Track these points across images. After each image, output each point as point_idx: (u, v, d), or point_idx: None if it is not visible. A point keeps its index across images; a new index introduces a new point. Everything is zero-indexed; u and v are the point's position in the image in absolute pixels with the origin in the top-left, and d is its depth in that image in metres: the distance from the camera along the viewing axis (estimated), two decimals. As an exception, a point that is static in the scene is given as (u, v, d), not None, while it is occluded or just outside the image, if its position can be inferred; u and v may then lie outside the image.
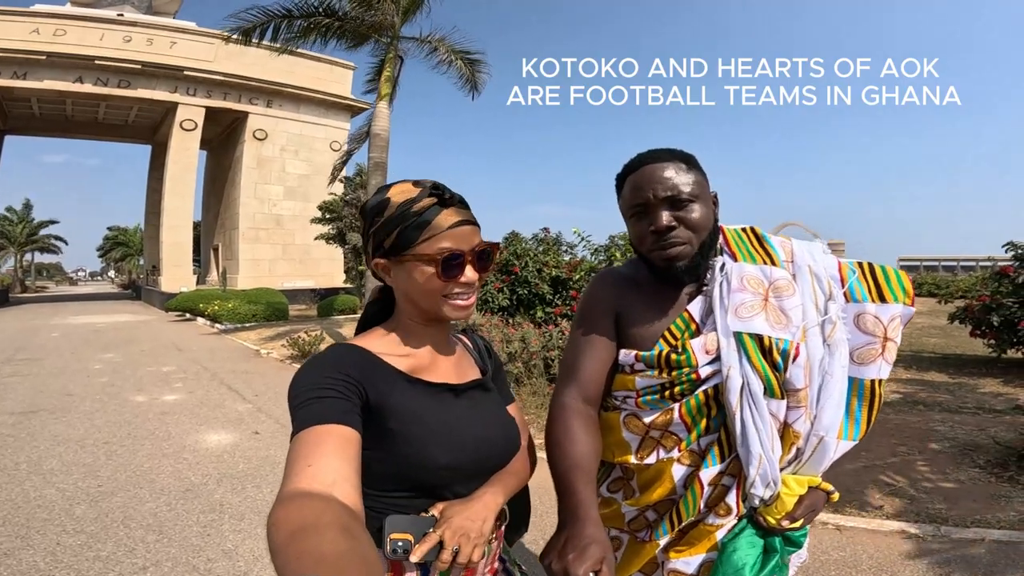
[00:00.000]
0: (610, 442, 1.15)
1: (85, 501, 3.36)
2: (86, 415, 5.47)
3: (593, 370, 1.11)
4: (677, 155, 1.07)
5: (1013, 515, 2.93)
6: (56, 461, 4.10)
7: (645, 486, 1.11)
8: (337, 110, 27.10)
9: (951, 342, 9.42)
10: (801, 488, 1.03)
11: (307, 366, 0.81)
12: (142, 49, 22.99)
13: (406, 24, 9.30)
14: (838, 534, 2.85)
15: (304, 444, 0.69)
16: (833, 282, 1.07)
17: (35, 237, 50.02)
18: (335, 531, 0.56)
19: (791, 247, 1.13)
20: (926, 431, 4.43)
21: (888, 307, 1.03)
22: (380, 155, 9.49)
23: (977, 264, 32.65)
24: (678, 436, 1.06)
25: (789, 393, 1.00)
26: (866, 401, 1.03)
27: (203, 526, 3.05)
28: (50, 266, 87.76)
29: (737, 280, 1.06)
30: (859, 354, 1.03)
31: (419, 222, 0.85)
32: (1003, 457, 3.65)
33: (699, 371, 1.02)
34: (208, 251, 29.86)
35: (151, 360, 9.07)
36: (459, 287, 0.88)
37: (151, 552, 2.75)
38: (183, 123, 24.17)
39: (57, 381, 7.18)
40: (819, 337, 1.03)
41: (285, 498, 0.62)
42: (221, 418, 5.44)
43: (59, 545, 2.81)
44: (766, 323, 1.01)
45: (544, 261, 8.66)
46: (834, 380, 1.01)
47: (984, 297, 7.29)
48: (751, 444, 0.98)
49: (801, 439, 1.02)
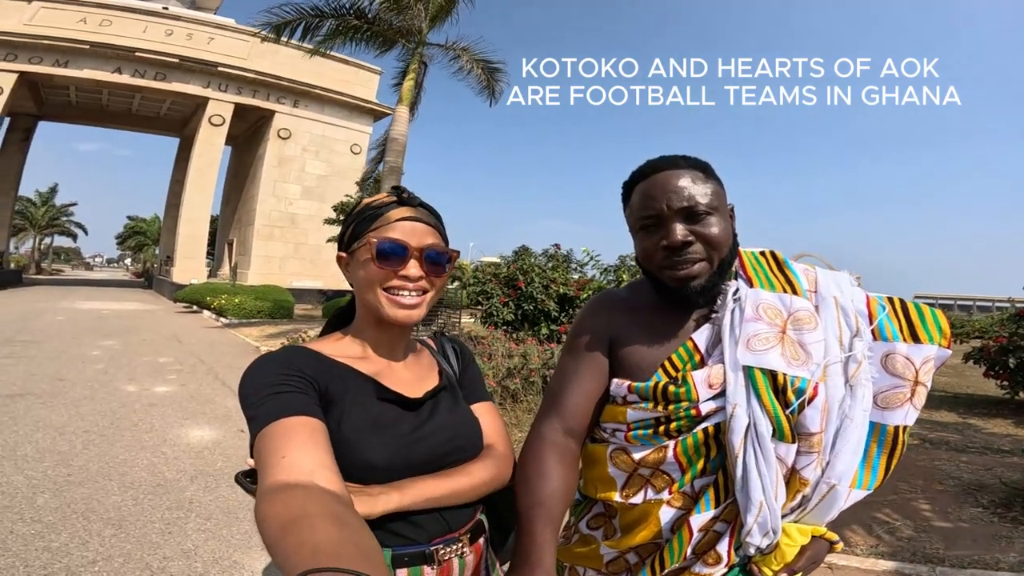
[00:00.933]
0: (593, 476, 1.05)
1: (50, 490, 3.25)
2: (73, 402, 5.40)
3: (578, 401, 1.02)
4: (693, 162, 0.98)
5: (1013, 557, 2.81)
6: (31, 447, 4.00)
7: (628, 527, 1.01)
8: (360, 113, 27.42)
9: (963, 382, 9.28)
10: (804, 538, 0.93)
11: (257, 365, 0.80)
12: (181, 43, 23.53)
13: (432, 30, 9.37)
14: (829, 572, 2.72)
15: (272, 438, 0.68)
16: (861, 317, 0.95)
17: (56, 221, 51.04)
18: (325, 520, 0.55)
19: (815, 276, 1.02)
20: (931, 469, 4.31)
21: (922, 348, 0.92)
22: (396, 160, 9.49)
23: (994, 305, 32.34)
24: (670, 476, 0.95)
25: (801, 437, 0.89)
26: (887, 448, 0.91)
27: (166, 523, 2.92)
28: (68, 250, 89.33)
29: (752, 308, 0.95)
30: (884, 398, 0.91)
31: (372, 215, 0.89)
32: (1008, 498, 3.55)
33: (700, 406, 0.91)
34: (223, 245, 30.17)
35: (150, 350, 9.04)
36: (399, 280, 0.87)
37: (105, 546, 2.63)
38: (212, 118, 24.58)
39: (52, 365, 7.14)
40: (841, 377, 0.91)
41: (267, 492, 0.61)
42: (209, 413, 5.33)
43: (11, 533, 2.69)
44: (782, 358, 0.90)
45: (552, 278, 8.55)
46: (854, 425, 0.89)
47: (1002, 339, 7.21)
48: (752, 491, 0.87)
49: (809, 486, 0.91)
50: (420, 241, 0.88)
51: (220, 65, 24.00)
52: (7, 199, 28.42)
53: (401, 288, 0.87)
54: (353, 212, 0.94)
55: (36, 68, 21.80)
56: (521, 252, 9.29)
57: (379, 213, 0.89)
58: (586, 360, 1.04)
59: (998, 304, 30.86)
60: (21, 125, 28.01)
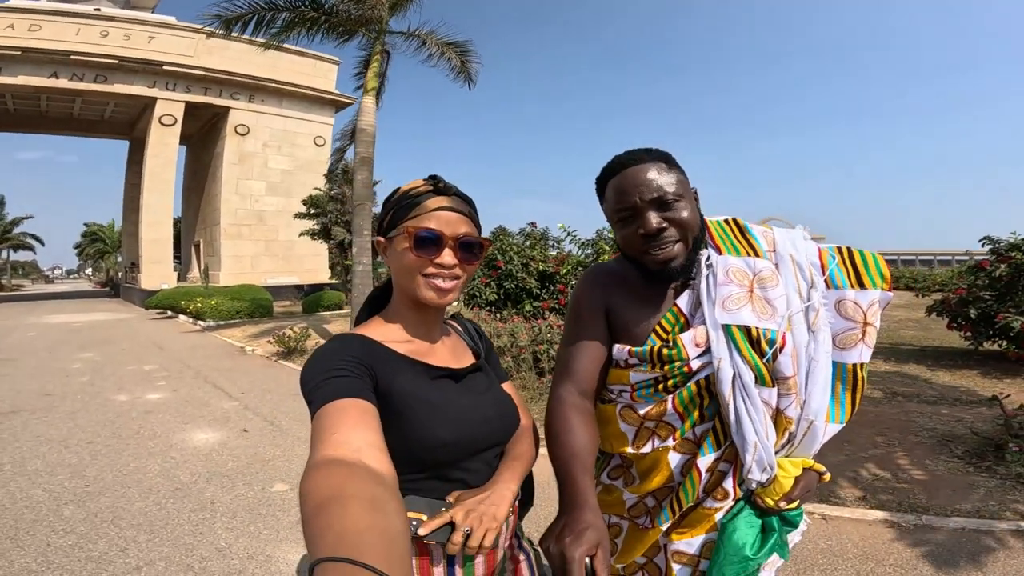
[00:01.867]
0: (607, 433, 1.17)
1: (73, 502, 3.31)
2: (68, 415, 5.38)
3: (587, 366, 1.13)
4: (656, 155, 1.08)
5: (992, 505, 3.01)
6: (40, 462, 4.03)
7: (644, 474, 1.14)
8: (321, 105, 26.74)
9: (928, 335, 9.61)
10: (796, 470, 1.06)
11: (315, 356, 0.84)
12: (120, 44, 22.43)
13: (394, 18, 9.22)
14: (824, 524, 2.92)
15: (327, 416, 0.71)
16: (814, 269, 1.09)
17: (9, 235, 48.77)
18: (359, 503, 0.56)
19: (773, 237, 1.15)
20: (905, 423, 4.53)
21: (867, 293, 1.06)
22: (366, 150, 9.41)
23: (953, 258, 33.19)
24: (672, 426, 1.09)
25: (779, 381, 1.02)
26: (849, 385, 1.05)
27: (195, 525, 3.03)
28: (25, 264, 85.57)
29: (723, 273, 1.08)
30: (841, 339, 1.05)
31: (410, 204, 0.93)
32: (980, 447, 3.73)
33: (690, 364, 1.04)
34: (189, 248, 29.34)
35: (132, 359, 8.92)
36: (434, 268, 0.91)
37: (143, 552, 2.73)
38: (162, 118, 23.67)
39: (35, 381, 7.04)
40: (803, 324, 1.05)
41: (313, 467, 0.63)
42: (207, 416, 5.38)
43: (49, 546, 2.77)
44: (753, 314, 1.03)
45: (531, 256, 8.68)
46: (819, 366, 1.03)
47: (961, 291, 7.34)
48: (746, 432, 1.00)
49: (793, 424, 1.04)
50: (455, 230, 0.92)
51: (166, 64, 23.02)
52: (-46, 217, 27.10)
53: (436, 275, 0.92)
54: (391, 199, 0.98)
55: (-34, 77, 20.69)
56: (498, 232, 9.38)
57: (417, 202, 0.93)
58: (588, 329, 1.15)
59: (957, 258, 31.80)
60: (-42, 138, 26.58)
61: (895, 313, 13.75)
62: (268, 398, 6.17)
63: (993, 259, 6.99)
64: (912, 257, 38.53)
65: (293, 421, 5.16)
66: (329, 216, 17.00)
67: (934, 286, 13.03)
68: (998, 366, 6.80)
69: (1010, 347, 6.59)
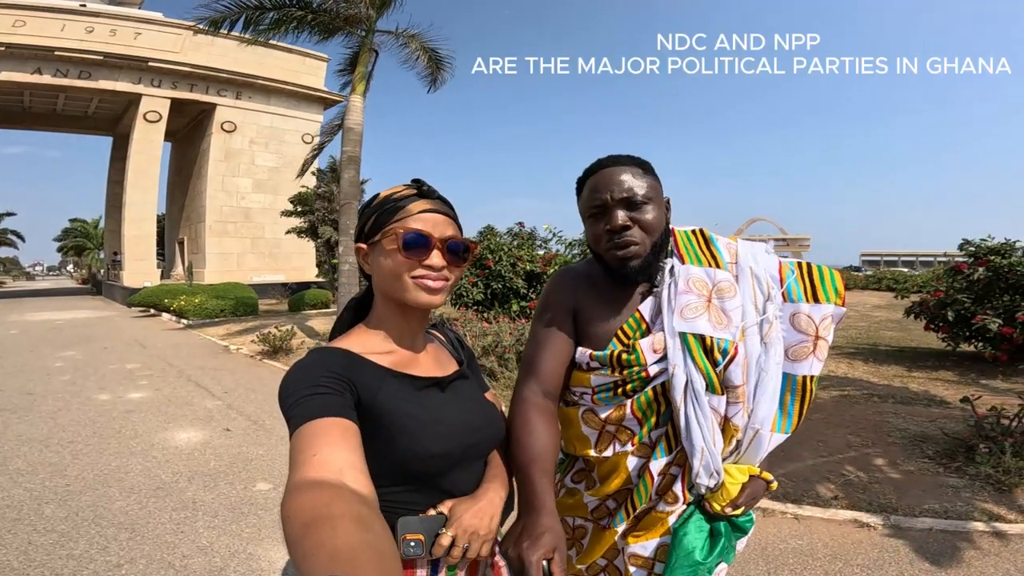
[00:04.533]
0: (571, 436, 1.21)
1: (54, 500, 3.30)
2: (49, 414, 5.33)
3: (551, 367, 1.16)
4: (635, 160, 1.13)
5: (960, 505, 3.08)
6: (22, 461, 4.01)
7: (604, 477, 1.18)
8: (309, 102, 26.59)
9: (907, 336, 9.75)
10: (743, 476, 1.10)
11: (294, 371, 0.83)
12: (105, 40, 22.13)
13: (380, 17, 9.23)
14: (796, 523, 2.98)
15: (306, 436, 0.70)
16: (772, 282, 1.13)
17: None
18: (347, 522, 0.56)
19: (736, 249, 1.18)
20: (880, 423, 4.62)
21: (820, 307, 1.09)
22: (353, 149, 9.41)
23: (935, 260, 33.78)
24: (631, 430, 1.12)
25: (728, 389, 1.06)
26: (798, 396, 1.09)
27: (176, 523, 3.03)
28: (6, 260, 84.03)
29: (684, 282, 1.11)
30: (793, 351, 1.09)
31: (394, 207, 0.93)
32: (951, 448, 3.79)
33: (648, 369, 1.07)
34: (173, 245, 29.03)
35: (114, 357, 8.83)
36: (423, 270, 0.91)
37: (124, 550, 2.73)
38: (147, 115, 23.40)
39: (16, 380, 6.95)
40: (757, 336, 1.08)
41: (294, 489, 0.62)
42: (190, 415, 5.36)
43: (31, 544, 2.77)
44: (709, 324, 1.07)
45: (518, 255, 8.74)
46: (769, 376, 1.07)
47: (939, 292, 7.44)
48: (694, 438, 1.04)
49: (740, 432, 1.08)
50: (442, 232, 0.92)
51: (151, 60, 22.74)
52: (-67, 212, 26.59)
53: (426, 276, 0.91)
54: (373, 204, 0.96)
55: (-51, 73, 20.31)
56: (487, 232, 9.42)
57: (400, 205, 0.92)
58: (554, 330, 1.18)
59: (938, 260, 32.34)
60: (-63, 133, 26.10)
61: (875, 314, 13.99)
62: (252, 397, 6.16)
63: (971, 262, 7.12)
64: (895, 258, 39.15)
65: (277, 420, 5.15)
66: (316, 214, 16.93)
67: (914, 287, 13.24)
68: (974, 367, 6.93)
69: (986, 348, 6.68)
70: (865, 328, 11.25)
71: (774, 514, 3.06)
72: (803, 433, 4.31)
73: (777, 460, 3.72)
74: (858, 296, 21.33)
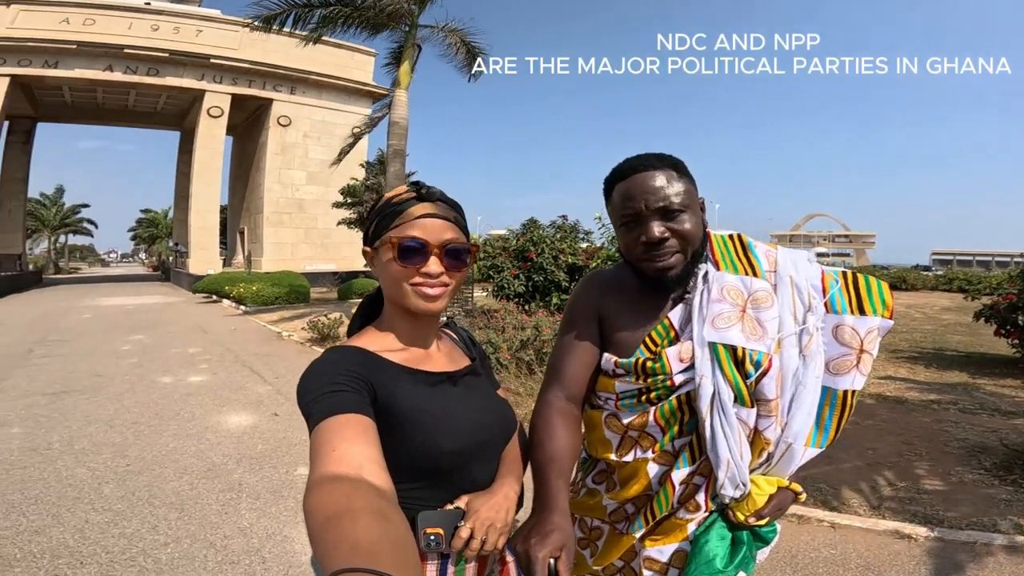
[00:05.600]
0: (593, 439, 1.20)
1: (113, 480, 3.54)
2: (115, 396, 5.70)
3: (576, 372, 1.15)
4: (667, 161, 1.07)
5: (1010, 519, 2.89)
6: (87, 441, 4.30)
7: (624, 481, 1.16)
8: (358, 96, 27.28)
9: (976, 340, 9.13)
10: (771, 488, 1.06)
11: (312, 369, 0.85)
12: (169, 37, 23.39)
13: (423, 12, 9.35)
14: (831, 531, 2.86)
15: (326, 432, 0.71)
16: (814, 292, 1.07)
17: (68, 220, 51.83)
18: (368, 516, 0.57)
19: (776, 257, 1.14)
20: (936, 432, 4.37)
21: (866, 320, 1.04)
22: (399, 143, 9.58)
23: (1012, 260, 31.47)
24: (653, 437, 1.09)
25: (760, 403, 1.02)
26: (837, 411, 1.04)
27: (222, 504, 3.20)
28: (83, 248, 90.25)
29: (717, 290, 1.07)
30: (835, 365, 1.04)
31: (394, 212, 0.92)
32: (1009, 460, 3.57)
33: (673, 378, 1.04)
34: (235, 234, 30.51)
35: (178, 342, 9.35)
36: (421, 277, 0.90)
37: (172, 529, 2.90)
38: (210, 110, 24.60)
39: (87, 362, 7.46)
40: (795, 348, 1.03)
41: (315, 484, 0.63)
42: (242, 400, 5.62)
43: (87, 523, 2.97)
44: (742, 334, 1.02)
45: (560, 248, 8.69)
46: (807, 390, 1.02)
47: (1010, 296, 6.94)
48: (720, 450, 1.01)
49: (772, 445, 1.04)
50: (439, 237, 0.91)
51: (212, 57, 23.89)
52: (18, 202, 28.79)
53: (423, 284, 0.90)
54: (375, 208, 0.97)
55: (26, 71, 21.81)
56: (530, 225, 9.40)
57: (400, 210, 0.92)
58: (580, 336, 1.16)
59: (1016, 259, 30.08)
60: (20, 128, 28.15)
61: (943, 317, 13.18)
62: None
63: (1047, 262, 6.65)
64: (969, 258, 36.66)
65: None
66: (365, 206, 17.36)
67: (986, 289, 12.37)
68: (1046, 375, 6.46)
69: (1059, 357, 6.19)
70: (931, 331, 10.62)
71: (809, 521, 2.95)
72: (851, 439, 4.13)
73: (817, 465, 3.57)
74: (926, 297, 20.08)
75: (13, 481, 3.50)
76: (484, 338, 5.88)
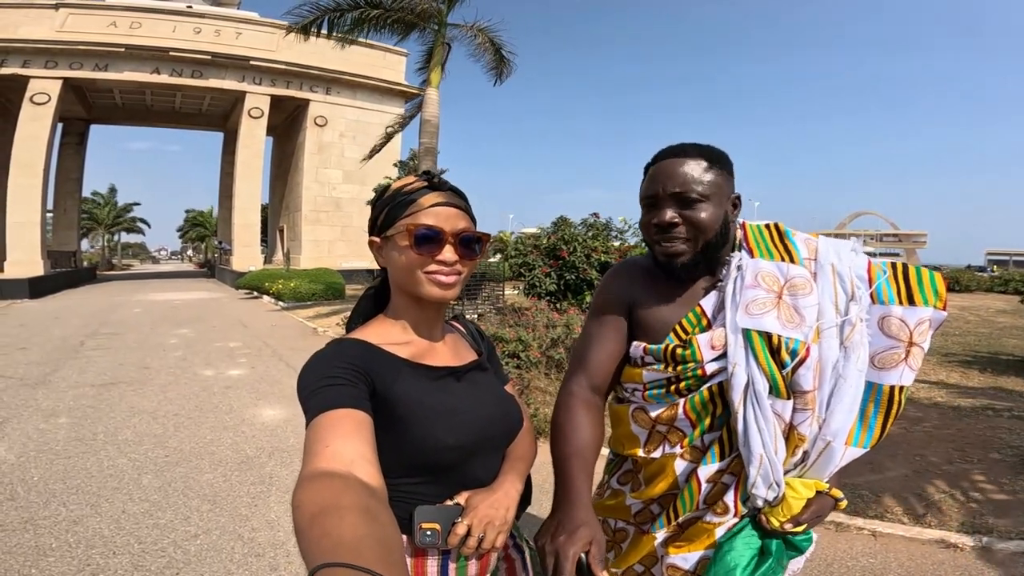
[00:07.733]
0: (620, 434, 1.17)
1: (152, 471, 3.66)
2: (160, 388, 5.92)
3: (601, 361, 1.12)
4: (703, 152, 1.04)
5: None
6: (130, 432, 4.47)
7: (650, 479, 1.12)
8: (391, 96, 27.64)
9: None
10: (808, 491, 1.00)
11: (312, 361, 0.85)
12: (211, 40, 24.16)
13: (451, 12, 9.40)
14: (872, 540, 2.74)
15: (320, 428, 0.71)
16: (859, 282, 1.02)
17: (120, 219, 54.38)
18: (355, 513, 0.57)
19: (816, 245, 1.09)
20: (989, 439, 4.16)
21: (916, 310, 0.98)
22: (430, 141, 9.66)
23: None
24: (682, 431, 1.06)
25: (796, 394, 0.97)
26: (883, 408, 0.98)
27: (252, 497, 3.28)
28: (135, 245, 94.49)
29: (752, 276, 1.04)
30: (880, 358, 0.98)
31: (405, 201, 0.91)
32: None
33: (704, 367, 1.01)
34: (275, 232, 31.40)
35: (220, 336, 9.66)
36: (435, 265, 0.90)
37: (204, 520, 2.99)
38: (251, 111, 25.32)
39: (136, 355, 7.77)
40: (836, 339, 0.98)
41: (305, 479, 0.64)
42: (277, 393, 5.76)
43: (124, 513, 3.07)
44: (777, 321, 0.98)
45: (593, 247, 8.60)
46: (848, 384, 0.96)
47: None
48: (752, 443, 0.96)
49: (807, 442, 0.99)
50: (453, 226, 0.90)
51: (252, 59, 24.56)
52: (73, 201, 30.25)
53: (437, 272, 0.90)
54: (384, 197, 0.95)
55: (78, 73, 22.65)
56: (560, 222, 9.32)
57: (412, 199, 0.91)
58: (608, 323, 1.14)
59: None
60: (74, 130, 29.56)
61: (999, 319, 12.53)
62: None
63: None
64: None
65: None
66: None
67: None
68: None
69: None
70: (986, 335, 10.10)
71: (849, 529, 2.83)
72: (899, 445, 3.97)
73: (860, 471, 3.43)
74: (980, 299, 19.11)
75: (57, 471, 3.65)
76: (514, 336, 5.86)
